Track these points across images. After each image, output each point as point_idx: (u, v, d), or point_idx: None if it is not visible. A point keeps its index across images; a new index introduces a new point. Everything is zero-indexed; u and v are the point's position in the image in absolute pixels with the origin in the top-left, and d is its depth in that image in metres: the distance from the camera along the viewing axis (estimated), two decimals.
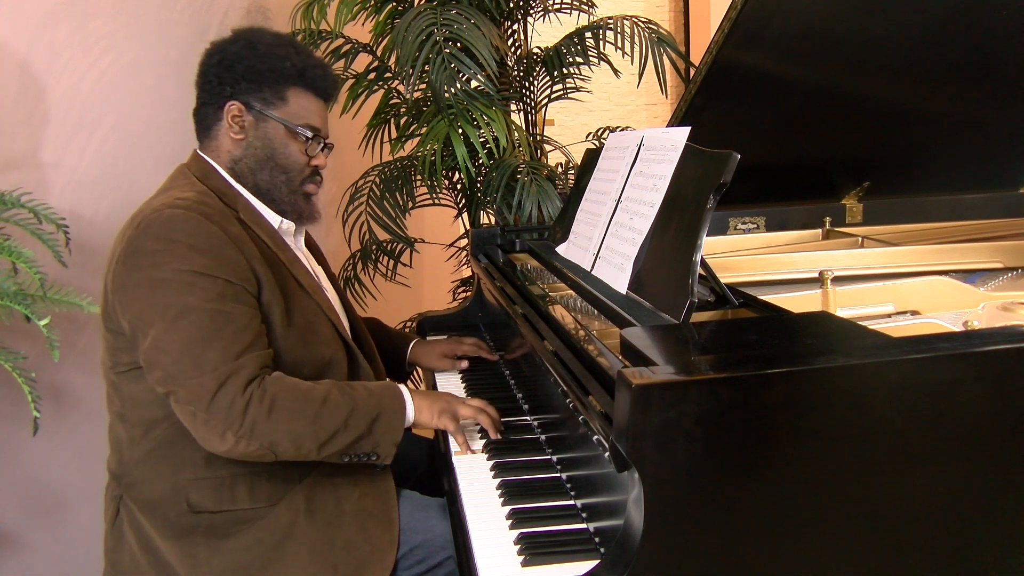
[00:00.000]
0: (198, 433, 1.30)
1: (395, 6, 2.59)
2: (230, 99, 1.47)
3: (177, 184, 1.46)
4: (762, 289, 1.54)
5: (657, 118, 4.84)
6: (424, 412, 1.46)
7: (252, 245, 1.41)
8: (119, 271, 1.35)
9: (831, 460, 0.96)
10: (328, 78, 1.55)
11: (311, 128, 1.51)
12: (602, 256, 1.52)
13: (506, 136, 2.35)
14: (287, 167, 1.50)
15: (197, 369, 1.27)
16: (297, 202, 1.53)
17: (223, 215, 1.40)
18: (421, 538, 1.40)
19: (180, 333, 1.28)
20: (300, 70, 1.49)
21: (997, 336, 1.05)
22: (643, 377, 0.93)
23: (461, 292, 3.01)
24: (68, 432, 1.95)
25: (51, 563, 1.94)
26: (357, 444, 1.36)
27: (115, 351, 1.40)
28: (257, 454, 1.31)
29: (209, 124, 1.50)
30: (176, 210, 1.34)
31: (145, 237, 1.33)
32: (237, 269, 1.35)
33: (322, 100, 1.55)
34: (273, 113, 1.48)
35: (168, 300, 1.30)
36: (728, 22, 1.61)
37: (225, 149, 1.50)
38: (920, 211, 2.15)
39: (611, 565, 0.95)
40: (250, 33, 1.52)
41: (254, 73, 1.47)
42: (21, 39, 1.82)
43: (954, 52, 1.73)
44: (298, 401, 1.32)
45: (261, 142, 1.49)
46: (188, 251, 1.31)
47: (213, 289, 1.31)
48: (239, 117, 1.47)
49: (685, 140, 1.37)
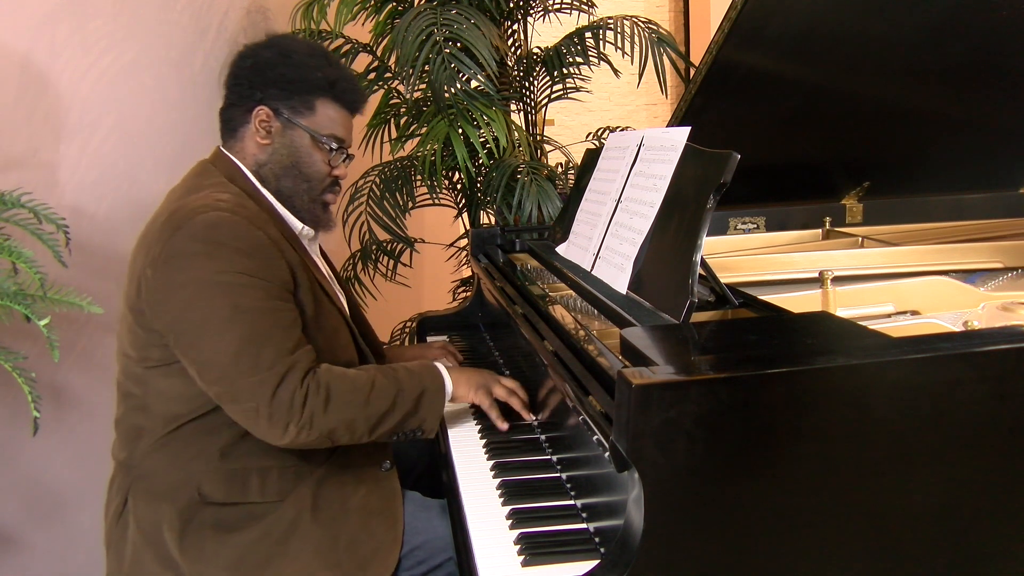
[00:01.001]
0: (260, 429, 1.33)
1: (395, 6, 2.59)
2: (259, 104, 1.49)
3: (208, 183, 1.47)
4: (762, 289, 1.54)
5: (657, 118, 4.84)
6: (462, 386, 1.53)
7: (288, 247, 1.44)
8: (160, 270, 1.35)
9: (831, 460, 0.96)
10: (357, 91, 1.58)
11: (336, 139, 1.54)
12: (602, 256, 1.52)
13: (506, 136, 2.35)
14: (310, 175, 1.53)
15: (255, 368, 1.30)
16: (315, 210, 1.56)
17: (261, 218, 1.43)
18: (423, 538, 1.41)
19: (233, 335, 1.31)
20: (331, 82, 1.52)
21: (997, 336, 1.05)
22: (643, 377, 0.93)
23: (461, 292, 3.01)
24: (68, 432, 1.95)
25: (51, 563, 1.94)
26: (405, 422, 1.42)
27: (145, 347, 1.41)
28: (316, 442, 1.36)
29: (235, 125, 1.53)
30: (221, 213, 1.35)
31: (190, 240, 1.33)
32: (279, 272, 1.38)
33: (349, 112, 1.58)
34: (300, 121, 1.51)
35: (217, 303, 1.31)
36: (728, 22, 1.61)
37: (250, 152, 1.52)
38: (920, 211, 2.15)
39: (611, 565, 0.95)
40: (285, 41, 1.56)
41: (285, 81, 1.49)
42: (21, 39, 1.82)
43: (954, 52, 1.73)
44: (350, 390, 1.37)
45: (287, 149, 1.51)
46: (234, 255, 1.33)
47: (260, 290, 1.34)
48: (267, 122, 1.50)
49: (685, 140, 1.37)
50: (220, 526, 1.38)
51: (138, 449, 1.44)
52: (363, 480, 1.45)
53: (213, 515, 1.39)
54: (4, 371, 1.49)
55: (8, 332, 1.66)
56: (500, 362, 1.89)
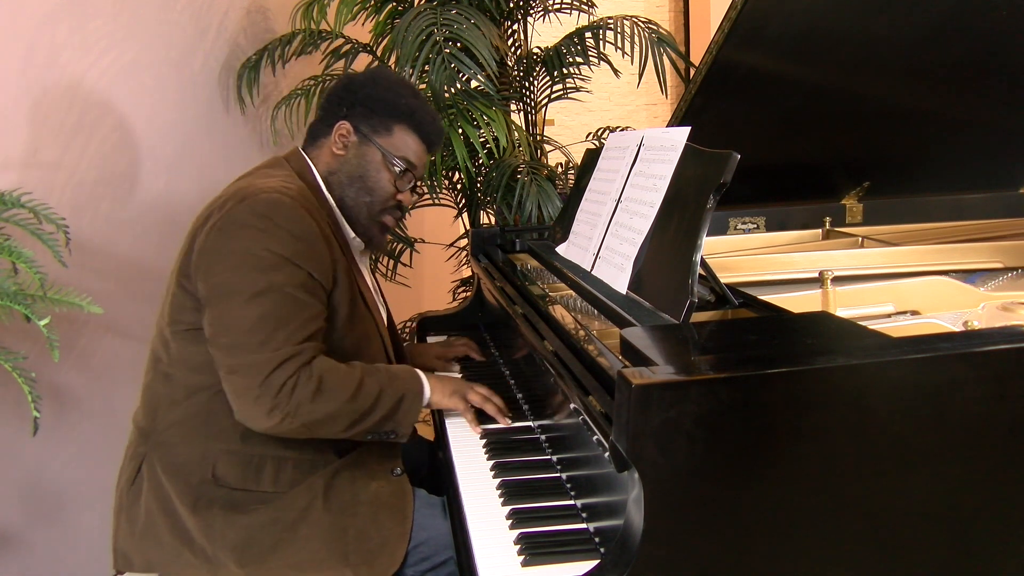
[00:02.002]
0: (244, 407, 1.36)
1: (395, 6, 2.59)
2: (343, 119, 1.59)
3: (278, 173, 1.54)
4: (762, 289, 1.54)
5: (657, 118, 4.83)
6: (437, 392, 1.55)
7: (337, 247, 1.50)
8: (214, 235, 1.40)
9: (831, 460, 0.96)
10: (436, 126, 1.65)
11: (406, 162, 1.61)
12: (602, 256, 1.52)
13: (506, 136, 2.35)
14: (374, 189, 1.60)
15: (262, 345, 1.33)
16: (371, 229, 1.63)
17: (319, 213, 1.49)
18: (427, 535, 1.42)
19: (258, 308, 1.35)
20: (412, 110, 1.60)
21: (997, 336, 1.05)
22: (643, 377, 0.93)
23: (461, 292, 3.01)
24: (68, 432, 1.95)
25: (51, 563, 1.94)
26: (382, 423, 1.44)
27: (180, 309, 1.45)
28: (295, 432, 1.38)
29: (318, 136, 1.62)
30: (284, 197, 1.42)
31: (249, 213, 1.39)
32: (322, 265, 1.43)
33: (424, 144, 1.64)
34: (376, 140, 1.59)
35: (253, 276, 1.36)
36: (728, 22, 1.61)
37: (324, 160, 1.60)
38: (920, 211, 2.15)
39: (611, 565, 0.95)
40: (379, 70, 1.70)
41: (371, 100, 1.59)
42: (21, 39, 1.82)
43: (954, 52, 1.73)
44: (340, 385, 1.39)
45: (357, 160, 1.59)
46: (286, 236, 1.39)
47: (298, 276, 1.38)
48: (345, 136, 1.59)
49: (685, 140, 1.37)
50: (230, 506, 1.41)
51: (159, 418, 1.48)
52: (375, 476, 1.47)
53: (225, 496, 1.42)
54: (4, 371, 1.49)
55: (8, 332, 1.67)
56: (500, 362, 1.89)
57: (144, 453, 1.48)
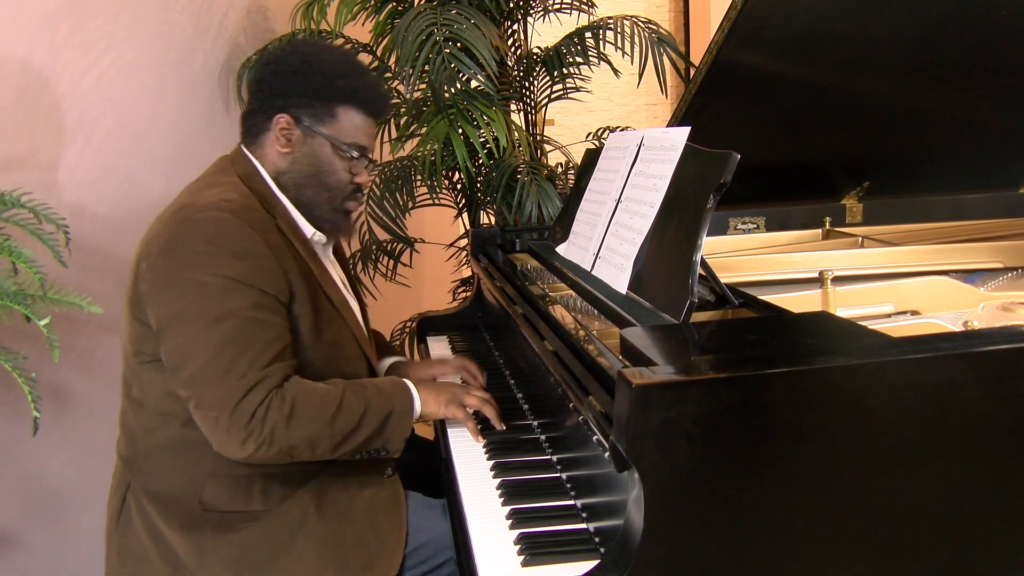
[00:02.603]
0: (217, 439, 1.30)
1: (395, 6, 2.59)
2: (280, 111, 1.48)
3: (221, 181, 1.46)
4: (762, 289, 1.54)
5: (657, 118, 4.83)
6: (431, 404, 1.50)
7: (289, 256, 1.41)
8: (157, 265, 1.34)
9: (831, 460, 0.96)
10: (380, 97, 1.55)
11: (358, 147, 1.51)
12: (602, 256, 1.52)
13: (506, 136, 2.35)
14: (331, 185, 1.51)
15: (226, 374, 1.28)
16: (337, 220, 1.55)
17: (264, 223, 1.41)
18: (426, 537, 1.41)
19: (214, 337, 1.29)
20: (353, 89, 1.49)
21: (997, 336, 1.05)
22: (643, 377, 0.93)
23: (461, 292, 3.01)
24: (68, 432, 1.95)
25: (51, 563, 1.94)
26: (369, 442, 1.39)
27: (140, 340, 1.40)
28: (275, 459, 1.33)
29: (257, 131, 1.51)
30: (223, 214, 1.34)
31: (189, 236, 1.33)
32: (274, 280, 1.36)
33: (372, 117, 1.54)
34: (322, 129, 1.49)
35: (205, 303, 1.30)
36: (728, 22, 1.61)
37: (270, 159, 1.50)
38: (920, 211, 2.15)
39: (611, 565, 0.95)
40: (309, 47, 1.53)
41: (307, 88, 1.47)
42: (21, 39, 1.82)
43: (954, 52, 1.73)
44: (316, 406, 1.33)
45: (307, 158, 1.49)
46: (231, 257, 1.32)
47: (250, 297, 1.32)
48: (287, 130, 1.48)
49: (685, 140, 1.37)
50: (220, 527, 1.38)
51: (139, 447, 1.44)
52: (367, 483, 1.44)
53: (214, 519, 1.38)
54: (4, 371, 1.49)
55: (8, 332, 1.67)
56: (500, 362, 1.88)
57: (128, 482, 1.44)
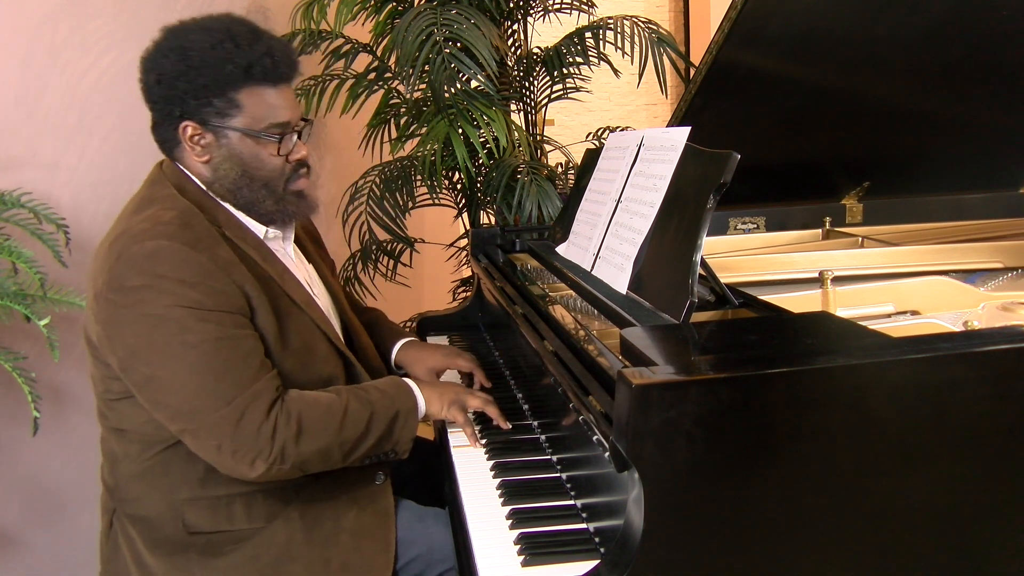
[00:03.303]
0: (225, 465, 1.27)
1: (395, 6, 2.59)
2: (182, 119, 1.34)
3: (157, 196, 1.35)
4: (762, 289, 1.54)
5: (657, 118, 4.83)
6: (434, 404, 1.47)
7: (242, 266, 1.33)
8: (104, 306, 1.27)
9: (831, 460, 0.96)
10: (279, 61, 1.37)
11: (278, 126, 1.37)
12: (602, 256, 1.52)
13: (506, 136, 2.35)
14: (265, 178, 1.38)
15: (215, 403, 1.24)
16: (287, 208, 1.43)
17: (209, 236, 1.31)
18: (418, 550, 1.40)
19: (188, 370, 1.24)
20: (245, 67, 1.33)
21: (997, 336, 1.05)
22: (643, 377, 0.93)
23: (461, 292, 3.01)
24: (68, 432, 1.95)
25: (50, 563, 1.94)
26: (378, 446, 1.37)
27: (106, 379, 1.35)
28: (288, 474, 1.30)
29: (170, 145, 1.39)
30: (159, 241, 1.25)
31: (129, 272, 1.25)
32: (229, 298, 1.28)
33: (281, 85, 1.38)
34: (232, 124, 1.34)
35: (166, 339, 1.24)
36: (728, 22, 1.61)
37: (195, 170, 1.39)
38: (920, 211, 2.15)
39: (611, 565, 0.95)
40: (181, 38, 1.35)
41: (197, 88, 1.32)
42: (21, 39, 1.82)
43: (954, 52, 1.73)
44: (322, 418, 1.31)
45: (229, 161, 1.36)
46: (177, 286, 1.24)
47: (209, 323, 1.25)
48: (197, 136, 1.35)
49: (685, 140, 1.37)
50: (208, 552, 1.35)
51: (120, 474, 1.40)
52: (356, 499, 1.40)
53: (200, 541, 1.35)
54: (4, 371, 1.49)
55: (8, 332, 1.67)
56: (500, 362, 1.88)
57: (113, 508, 1.42)
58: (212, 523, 1.35)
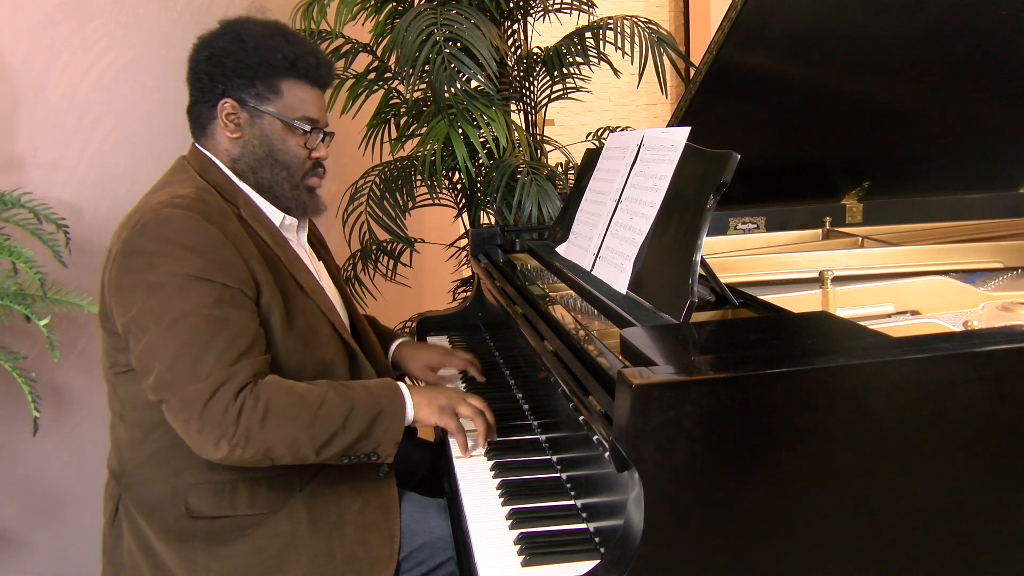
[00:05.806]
0: (192, 441, 1.28)
1: (395, 6, 2.59)
2: (223, 96, 1.44)
3: (177, 179, 1.43)
4: (762, 289, 1.54)
5: (657, 118, 4.83)
6: (424, 409, 1.43)
7: (251, 244, 1.38)
8: (115, 272, 1.32)
9: (831, 460, 0.96)
10: (322, 65, 1.50)
11: (308, 120, 1.48)
12: (602, 256, 1.52)
13: (506, 136, 2.35)
14: (287, 163, 1.47)
15: (191, 376, 1.25)
16: (300, 197, 1.51)
17: (222, 213, 1.37)
18: (422, 540, 1.40)
19: (175, 339, 1.26)
20: (292, 61, 1.45)
21: (997, 336, 1.05)
22: (643, 377, 0.93)
23: (461, 292, 3.01)
24: (68, 432, 1.95)
25: (51, 563, 1.94)
26: (356, 445, 1.34)
27: (112, 351, 1.38)
28: (253, 460, 1.29)
29: (204, 122, 1.48)
30: (174, 210, 1.31)
31: (141, 238, 1.30)
32: (235, 271, 1.32)
33: (318, 88, 1.51)
34: (268, 108, 1.45)
35: (164, 304, 1.27)
36: (728, 22, 1.61)
37: (223, 148, 1.47)
38: (920, 211, 2.15)
39: (611, 565, 0.95)
40: (238, 25, 1.47)
41: (245, 68, 1.43)
42: (21, 39, 1.82)
43: (954, 52, 1.73)
44: (293, 405, 1.29)
45: (258, 140, 1.46)
46: (185, 253, 1.29)
47: (210, 293, 1.28)
48: (233, 115, 1.45)
49: (685, 140, 1.37)
50: (212, 539, 1.35)
51: (126, 459, 1.42)
52: (360, 490, 1.41)
53: (204, 527, 1.36)
54: (4, 371, 1.49)
55: (8, 332, 1.67)
56: (500, 362, 1.89)
57: (119, 495, 1.43)
58: (214, 507, 1.36)
